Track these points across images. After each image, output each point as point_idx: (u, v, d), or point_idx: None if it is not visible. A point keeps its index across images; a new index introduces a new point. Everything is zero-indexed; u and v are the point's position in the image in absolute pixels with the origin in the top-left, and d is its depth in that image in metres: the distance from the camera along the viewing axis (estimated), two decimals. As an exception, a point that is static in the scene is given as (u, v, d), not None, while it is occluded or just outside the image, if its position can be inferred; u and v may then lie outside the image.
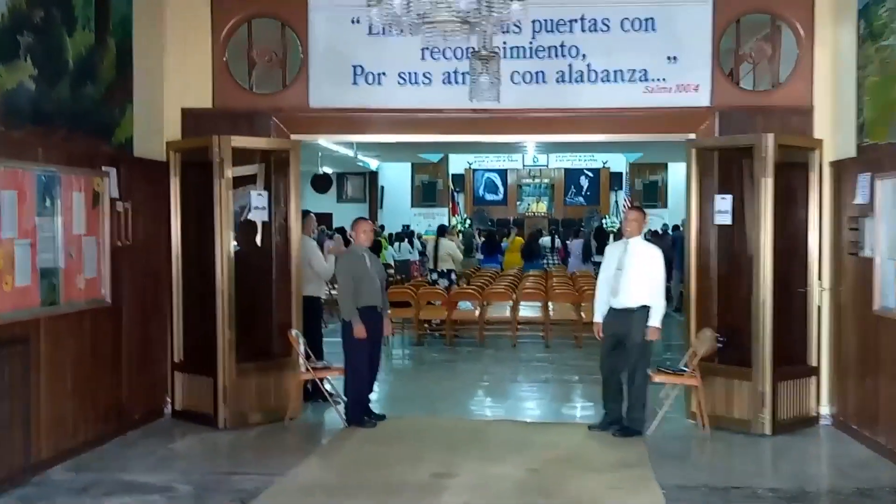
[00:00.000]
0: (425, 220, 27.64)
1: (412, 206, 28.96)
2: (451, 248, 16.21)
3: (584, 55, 8.85)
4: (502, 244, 22.24)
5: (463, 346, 14.02)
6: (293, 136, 9.11)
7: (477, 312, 14.36)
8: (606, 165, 30.19)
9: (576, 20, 8.84)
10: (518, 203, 31.39)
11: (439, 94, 8.91)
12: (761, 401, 8.10)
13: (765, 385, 8.08)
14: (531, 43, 8.86)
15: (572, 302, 14.37)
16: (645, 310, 8.10)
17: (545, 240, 23.46)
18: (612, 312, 8.28)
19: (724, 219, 8.58)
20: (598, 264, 21.32)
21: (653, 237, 22.64)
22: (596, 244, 21.61)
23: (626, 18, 8.80)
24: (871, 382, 7.63)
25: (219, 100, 9.05)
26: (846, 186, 8.19)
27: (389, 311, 9.23)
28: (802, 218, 8.60)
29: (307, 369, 8.64)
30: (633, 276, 8.17)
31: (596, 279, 9.10)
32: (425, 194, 29.17)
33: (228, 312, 8.34)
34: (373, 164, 27.10)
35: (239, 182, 8.77)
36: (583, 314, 13.91)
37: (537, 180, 31.34)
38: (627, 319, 8.13)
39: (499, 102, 7.19)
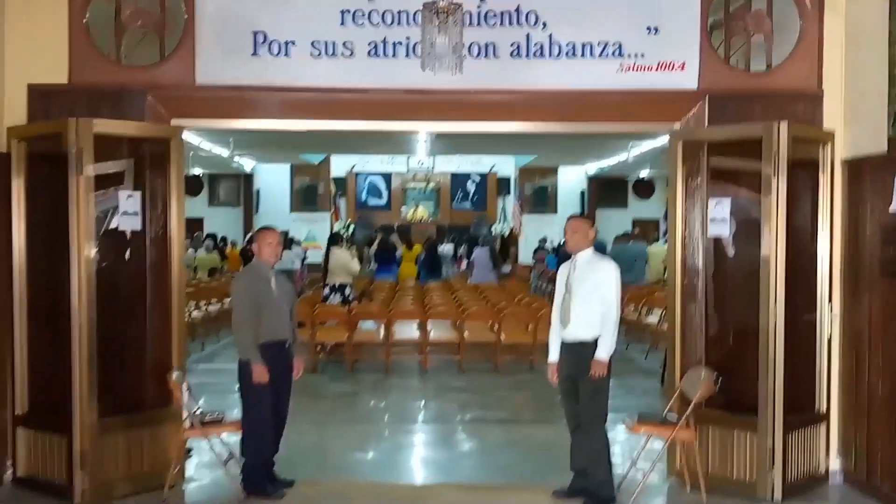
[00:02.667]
0: (305, 226, 25.69)
1: (291, 210, 26.89)
2: (345, 259, 14.22)
3: (544, 23, 7.08)
4: (396, 253, 20.30)
5: (365, 372, 12.17)
6: (174, 121, 7.13)
7: (381, 334, 12.47)
8: (494, 170, 28.68)
9: (535, -21, 7.10)
10: (402, 208, 29.58)
11: (363, 68, 7.05)
12: (770, 458, 6.54)
13: (775, 438, 6.52)
14: (479, 7, 7.07)
15: (490, 321, 12.63)
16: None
17: (446, 248, 21.61)
18: (565, 348, 6.57)
19: (721, 229, 6.97)
20: (505, 275, 20.03)
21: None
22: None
23: (597, -22, 7.12)
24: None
25: (77, 74, 7.00)
26: (869, 190, 6.70)
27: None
28: (806, 229, 7.07)
29: (192, 424, 6.66)
30: (582, 300, 6.45)
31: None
32: (305, 198, 27.16)
33: (87, 350, 6.44)
34: (248, 165, 25.03)
35: (103, 181, 6.76)
36: (502, 336, 12.27)
37: (423, 184, 29.57)
38: (580, 355, 6.41)
39: (461, 72, 5.39)
